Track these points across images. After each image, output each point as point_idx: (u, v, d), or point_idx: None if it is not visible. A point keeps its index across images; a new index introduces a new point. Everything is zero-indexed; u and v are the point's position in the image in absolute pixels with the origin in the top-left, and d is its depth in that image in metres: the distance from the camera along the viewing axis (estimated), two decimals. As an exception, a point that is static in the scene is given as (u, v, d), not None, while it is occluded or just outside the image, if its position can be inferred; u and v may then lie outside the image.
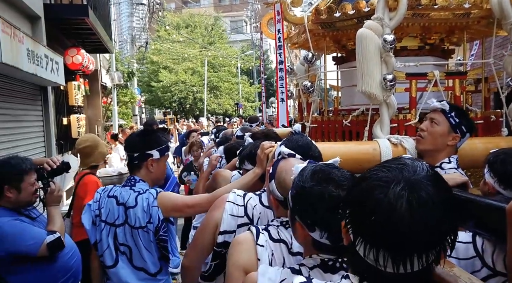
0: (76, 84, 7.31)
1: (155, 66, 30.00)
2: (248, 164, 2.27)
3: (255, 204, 1.77)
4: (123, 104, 18.10)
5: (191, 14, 36.46)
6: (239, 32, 52.27)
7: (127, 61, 20.48)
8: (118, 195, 2.19)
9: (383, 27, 2.42)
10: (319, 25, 3.01)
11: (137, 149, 2.24)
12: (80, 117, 7.44)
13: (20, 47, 4.07)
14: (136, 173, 2.26)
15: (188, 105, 29.93)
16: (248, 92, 34.29)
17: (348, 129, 2.97)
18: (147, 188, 2.22)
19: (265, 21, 4.09)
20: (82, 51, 7.10)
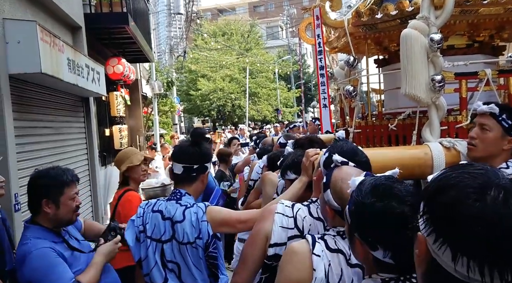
0: (117, 95, 7.19)
1: (193, 75, 30.19)
2: (291, 174, 2.16)
3: (305, 215, 1.69)
4: (163, 114, 18.19)
5: (227, 22, 36.64)
6: (275, 38, 52.15)
7: (166, 71, 20.63)
8: (164, 209, 2.07)
9: (429, 26, 2.32)
10: (360, 27, 2.93)
11: (197, 161, 2.13)
12: (122, 128, 7.32)
13: (60, 57, 3.89)
14: (186, 185, 2.13)
15: (227, 113, 29.87)
16: (286, 98, 33.92)
17: (394, 133, 2.86)
18: (193, 201, 2.11)
19: (303, 26, 3.99)
20: (123, 61, 6.98)
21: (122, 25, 6.20)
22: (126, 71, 7.02)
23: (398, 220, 1.06)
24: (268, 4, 70.58)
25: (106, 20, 6.22)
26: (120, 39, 7.21)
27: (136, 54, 8.75)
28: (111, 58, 6.95)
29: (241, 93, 29.19)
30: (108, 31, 6.65)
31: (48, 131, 4.50)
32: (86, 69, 4.85)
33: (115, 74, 6.92)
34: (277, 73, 32.77)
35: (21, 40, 3.39)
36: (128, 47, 7.88)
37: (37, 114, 4.22)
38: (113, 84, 7.22)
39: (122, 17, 6.19)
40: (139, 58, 9.47)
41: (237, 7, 63.42)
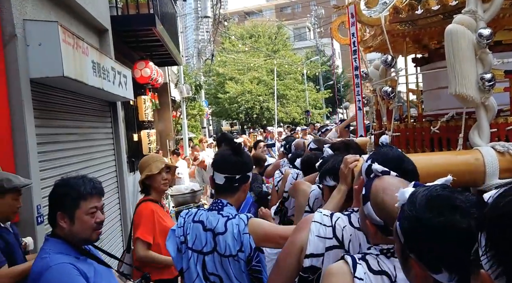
0: (145, 99, 7.02)
1: (221, 78, 30.15)
2: (330, 180, 2.09)
3: (345, 225, 1.60)
4: (191, 117, 18.16)
5: (254, 24, 36.49)
6: (303, 39, 51.66)
7: (194, 75, 20.60)
8: (205, 219, 2.03)
9: (476, 21, 2.19)
10: (398, 24, 2.78)
11: (239, 171, 2.08)
12: (150, 132, 7.14)
13: (84, 59, 3.69)
14: (228, 196, 2.09)
15: (255, 115, 29.64)
16: (315, 99, 33.40)
17: (436, 137, 2.68)
18: (235, 212, 2.05)
19: (336, 25, 3.82)
20: (150, 64, 6.80)
21: (149, 27, 6.01)
22: (154, 74, 6.84)
23: (464, 236, 0.92)
24: (295, 5, 70.21)
25: (133, 22, 6.04)
26: (148, 42, 7.04)
27: (164, 57, 8.59)
28: (139, 62, 6.78)
29: (269, 95, 28.92)
30: (135, 33, 6.48)
31: (74, 138, 4.31)
32: (113, 72, 4.65)
33: (143, 77, 6.74)
34: (305, 75, 32.30)
35: (42, 42, 3.19)
36: (156, 50, 7.71)
37: (62, 120, 4.03)
38: (141, 88, 7.05)
39: (149, 19, 6.00)
40: (167, 62, 9.31)
41: (264, 9, 63.34)
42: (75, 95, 4.34)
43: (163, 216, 3.14)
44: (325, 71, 39.54)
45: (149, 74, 6.76)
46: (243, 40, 31.84)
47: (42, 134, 3.50)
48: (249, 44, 31.60)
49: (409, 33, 2.86)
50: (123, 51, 6.70)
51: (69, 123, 4.21)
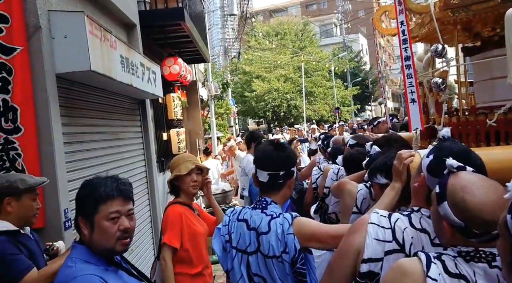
0: (174, 96, 6.81)
1: (247, 76, 29.94)
2: (381, 177, 1.99)
3: (405, 227, 1.48)
4: (218, 116, 18.04)
5: (280, 22, 36.14)
6: (329, 36, 50.92)
7: (221, 73, 20.45)
8: (249, 218, 1.99)
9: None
10: (449, 11, 2.63)
11: (283, 167, 1.99)
12: (180, 131, 6.93)
13: (112, 53, 3.47)
14: (272, 193, 2.02)
15: (282, 113, 29.30)
16: (343, 96, 32.77)
17: (493, 130, 2.55)
18: (280, 211, 1.97)
19: (378, 15, 3.70)
20: (179, 61, 6.58)
21: (177, 21, 5.78)
22: (182, 71, 6.62)
23: None
24: (321, 1, 69.39)
25: (161, 17, 5.83)
26: (176, 38, 6.83)
27: (193, 54, 8.39)
28: (167, 58, 6.58)
29: (296, 93, 28.55)
30: (163, 29, 6.27)
31: (102, 137, 4.11)
32: (141, 68, 4.43)
33: (171, 74, 6.53)
34: (333, 71, 31.72)
35: (68, 35, 2.98)
36: (185, 46, 7.51)
37: (89, 119, 3.82)
38: (170, 86, 6.85)
39: (178, 13, 5.77)
40: (195, 59, 9.11)
41: (289, 6, 62.85)
42: (103, 92, 4.14)
43: (193, 219, 2.88)
44: (352, 68, 38.81)
45: (178, 71, 6.54)
46: (269, 38, 31.51)
47: (69, 133, 3.29)
48: (275, 42, 31.27)
49: (461, 20, 2.68)
50: (151, 48, 6.51)
51: (97, 122, 4.00)
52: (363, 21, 56.51)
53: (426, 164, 1.45)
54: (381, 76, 5.83)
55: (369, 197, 2.40)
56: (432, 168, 1.41)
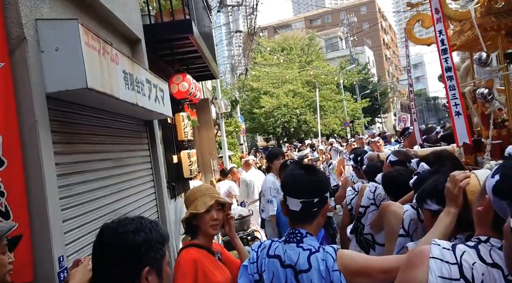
0: (184, 116, 6.33)
1: (255, 93, 29.57)
2: (432, 203, 1.79)
3: (474, 261, 1.27)
4: (228, 134, 17.67)
5: (285, 37, 35.96)
6: (335, 49, 50.72)
7: (229, 91, 20.12)
8: (282, 254, 1.79)
9: None
10: (492, 16, 2.49)
11: (317, 192, 1.82)
12: (191, 153, 6.42)
13: (113, 68, 2.99)
14: (305, 224, 1.83)
15: (292, 129, 28.77)
16: (353, 109, 32.24)
17: None
18: (317, 243, 1.78)
19: (411, 24, 3.57)
20: (188, 77, 6.12)
21: (185, 34, 5.33)
22: (192, 88, 6.15)
23: None
24: (324, 16, 69.58)
25: (167, 30, 5.38)
26: (184, 53, 6.38)
27: (202, 71, 7.94)
28: (175, 75, 6.11)
29: (306, 107, 28.07)
30: (170, 45, 5.83)
31: (105, 165, 3.61)
32: (148, 85, 3.96)
33: (180, 92, 6.06)
34: (342, 84, 31.28)
35: (59, 47, 2.50)
36: (193, 62, 7.07)
37: (89, 145, 3.33)
38: (179, 104, 6.38)
39: (185, 25, 5.33)
40: (204, 76, 8.68)
41: (293, 22, 63.04)
42: (104, 114, 3.66)
43: (212, 266, 2.31)
44: (361, 80, 38.42)
45: (187, 89, 6.07)
46: (275, 53, 31.23)
47: (63, 163, 2.79)
48: (282, 56, 30.98)
49: (506, 25, 2.54)
50: (157, 65, 6.07)
51: (98, 148, 3.50)
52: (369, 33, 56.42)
53: (491, 185, 1.27)
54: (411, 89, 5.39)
55: (417, 218, 2.24)
56: (499, 190, 1.24)
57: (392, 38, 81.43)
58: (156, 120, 5.18)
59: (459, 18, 2.86)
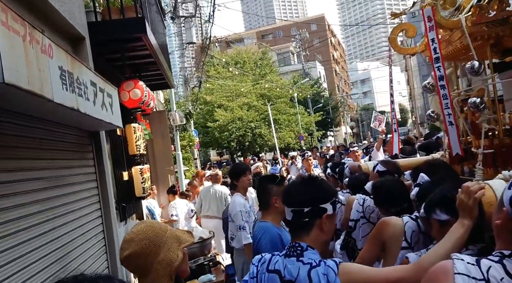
0: (136, 127, 5.64)
1: (209, 106, 28.92)
2: (441, 213, 1.76)
3: (502, 277, 1.21)
4: (182, 149, 16.97)
5: (238, 51, 35.76)
6: (287, 64, 51.25)
7: (183, 104, 19.41)
8: (282, 268, 1.71)
9: None
10: (483, 25, 2.50)
11: (309, 202, 1.72)
12: (144, 168, 5.72)
13: (44, 62, 2.33)
14: (302, 236, 1.74)
15: (247, 143, 28.29)
16: (307, 123, 32.35)
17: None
18: (319, 257, 1.69)
19: (395, 34, 3.49)
20: (140, 84, 5.45)
21: (137, 34, 4.70)
22: (145, 97, 5.49)
23: None
24: (276, 31, 70.51)
25: (116, 29, 4.73)
26: (136, 58, 5.74)
27: (156, 79, 7.30)
28: (126, 82, 5.43)
29: (261, 121, 27.75)
30: (120, 47, 5.17)
31: (40, 185, 2.90)
32: (93, 88, 3.30)
33: (132, 101, 5.38)
34: (296, 98, 31.35)
35: (-35, 28, 1.84)
36: (146, 69, 6.41)
37: (20, 161, 2.62)
38: (130, 114, 5.69)
39: (137, 24, 4.70)
40: (160, 85, 8.02)
41: (245, 37, 63.29)
42: (38, 122, 2.96)
43: None
44: (313, 94, 38.87)
45: (139, 97, 5.40)
46: (229, 66, 30.85)
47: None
48: (236, 70, 30.65)
49: (496, 35, 2.54)
50: (106, 71, 5.39)
51: (32, 164, 2.80)
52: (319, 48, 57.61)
53: (508, 197, 1.24)
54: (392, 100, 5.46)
55: (418, 230, 2.25)
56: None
57: (341, 54, 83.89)
58: (103, 131, 4.48)
59: (451, 26, 2.81)
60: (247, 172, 4.38)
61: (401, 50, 3.65)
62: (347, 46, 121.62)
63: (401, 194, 2.55)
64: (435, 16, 2.81)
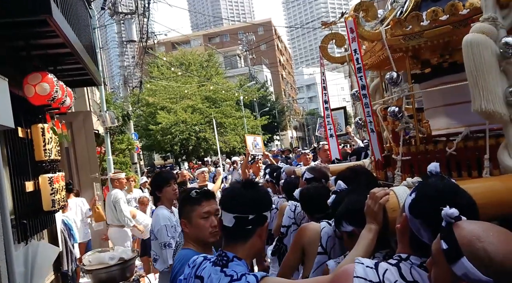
0: (45, 128, 4.77)
1: (151, 108, 27.73)
2: (347, 225, 1.89)
3: (395, 280, 1.32)
4: (119, 153, 15.88)
5: (184, 53, 34.83)
6: (234, 67, 50.79)
7: (121, 105, 18.27)
8: (206, 277, 1.70)
9: (497, 29, 2.04)
10: (401, 38, 2.61)
11: (254, 208, 1.70)
12: (55, 177, 4.85)
13: None
14: (238, 243, 1.70)
15: (191, 147, 27.38)
16: (253, 126, 31.98)
17: (454, 159, 2.51)
18: (243, 271, 1.63)
19: (326, 43, 3.57)
20: (50, 77, 4.59)
21: (39, 15, 3.86)
22: (56, 92, 4.64)
23: None
24: (223, 34, 69.99)
25: (13, 8, 3.86)
26: (47, 47, 4.88)
27: (78, 74, 6.40)
28: (31, 74, 4.54)
29: (205, 124, 26.99)
30: (21, 32, 4.31)
31: None
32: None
33: (39, 97, 4.50)
34: (242, 101, 30.87)
35: None
36: (63, 62, 5.53)
37: None
38: (38, 113, 4.82)
39: (39, 2, 3.86)
40: (84, 81, 7.09)
41: (192, 38, 62.25)
42: None
43: None
44: (260, 98, 38.65)
45: (48, 92, 4.54)
46: (173, 67, 29.80)
47: None
48: (180, 71, 29.66)
49: (413, 47, 2.66)
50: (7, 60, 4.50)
51: None
52: (266, 52, 57.73)
53: (408, 203, 1.37)
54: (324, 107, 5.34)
55: (334, 235, 2.33)
56: (414, 208, 1.33)
57: (287, 59, 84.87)
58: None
59: (372, 38, 2.87)
60: (171, 181, 3.70)
61: (331, 59, 3.69)
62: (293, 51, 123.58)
63: (325, 200, 2.51)
64: (357, 28, 2.89)
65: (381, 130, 3.42)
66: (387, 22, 2.91)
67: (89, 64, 6.18)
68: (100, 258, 4.51)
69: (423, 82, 3.22)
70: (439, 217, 1.13)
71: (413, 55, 2.89)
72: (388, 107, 2.94)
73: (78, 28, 5.73)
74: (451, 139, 2.66)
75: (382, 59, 2.96)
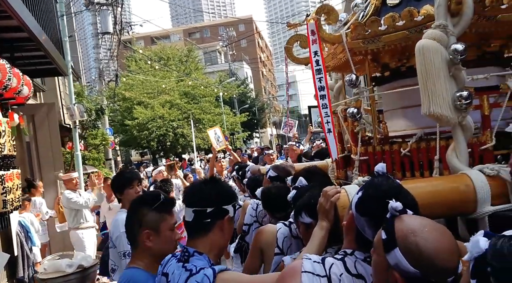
0: (-3, 120, 4.28)
1: (128, 103, 26.96)
2: (306, 216, 1.94)
3: (341, 273, 1.37)
4: (93, 149, 15.26)
5: (163, 47, 34.09)
6: (214, 63, 50.19)
7: (95, 99, 17.59)
8: (170, 273, 1.68)
9: (448, 36, 2.11)
10: (360, 41, 2.69)
11: (213, 202, 1.70)
12: (8, 175, 4.37)
13: None
14: (199, 238, 1.69)
15: (169, 143, 26.76)
16: (233, 123, 31.53)
17: (407, 160, 2.62)
18: (203, 265, 1.61)
19: (291, 44, 3.49)
20: (1, 63, 4.12)
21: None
22: (9, 80, 4.17)
23: None
24: (203, 30, 69.18)
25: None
26: (1, 30, 4.41)
27: (40, 63, 5.92)
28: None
29: (183, 120, 26.41)
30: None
31: None
32: None
33: (-13, 84, 4.03)
34: (221, 97, 30.38)
35: None
36: (22, 49, 5.06)
37: None
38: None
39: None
40: (48, 70, 6.61)
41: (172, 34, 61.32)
42: None
43: None
44: (239, 94, 38.20)
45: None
46: (152, 62, 29.05)
47: None
48: (158, 66, 28.95)
49: (372, 51, 2.73)
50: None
51: None
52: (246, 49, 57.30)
53: (354, 201, 1.42)
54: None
55: (290, 235, 2.36)
56: (360, 206, 1.38)
57: (268, 56, 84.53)
58: None
59: (333, 41, 2.93)
60: (134, 183, 3.29)
61: (295, 60, 3.71)
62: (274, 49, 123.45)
63: (286, 199, 2.46)
64: (318, 30, 2.92)
65: (342, 131, 3.49)
66: (348, 25, 3.02)
67: (52, 52, 5.71)
68: (57, 265, 4.03)
69: (382, 85, 3.31)
70: (383, 216, 1.18)
71: (373, 59, 2.99)
72: (348, 108, 3.04)
73: (40, 12, 5.26)
74: (406, 140, 2.76)
75: (343, 61, 3.02)
